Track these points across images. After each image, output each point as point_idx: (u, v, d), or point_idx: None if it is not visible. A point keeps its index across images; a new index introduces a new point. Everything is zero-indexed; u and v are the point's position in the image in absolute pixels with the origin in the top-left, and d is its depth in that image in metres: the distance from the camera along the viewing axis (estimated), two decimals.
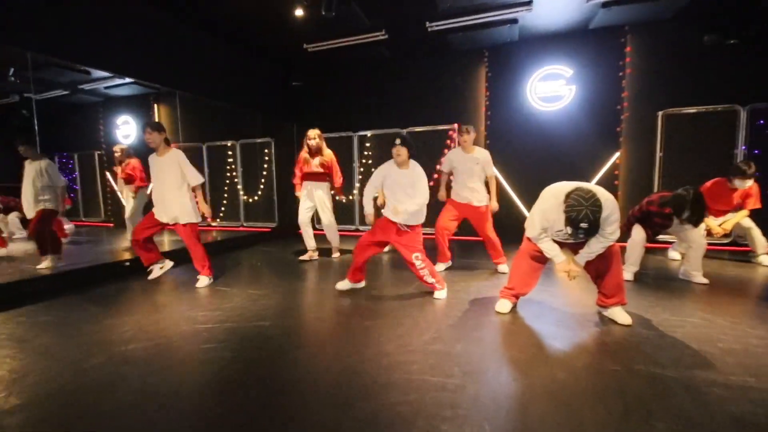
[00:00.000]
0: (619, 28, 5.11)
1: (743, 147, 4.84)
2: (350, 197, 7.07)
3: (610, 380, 1.85)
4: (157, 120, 8.15)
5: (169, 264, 3.93)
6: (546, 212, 2.48)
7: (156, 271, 3.85)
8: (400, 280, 3.76)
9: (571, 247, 2.64)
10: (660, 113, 5.08)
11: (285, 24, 4.88)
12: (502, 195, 5.98)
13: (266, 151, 7.53)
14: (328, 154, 4.61)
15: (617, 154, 5.31)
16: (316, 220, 5.81)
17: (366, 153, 6.87)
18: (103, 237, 7.00)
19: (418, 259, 3.11)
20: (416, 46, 5.82)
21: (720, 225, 3.98)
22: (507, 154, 5.92)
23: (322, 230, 4.85)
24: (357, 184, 6.93)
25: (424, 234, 3.47)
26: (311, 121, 7.20)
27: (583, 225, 2.19)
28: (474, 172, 3.81)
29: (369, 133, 6.82)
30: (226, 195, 7.94)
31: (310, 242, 4.74)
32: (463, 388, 1.80)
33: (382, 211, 3.25)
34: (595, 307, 2.77)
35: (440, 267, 4.05)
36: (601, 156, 5.38)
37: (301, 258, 4.79)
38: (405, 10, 4.71)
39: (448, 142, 6.24)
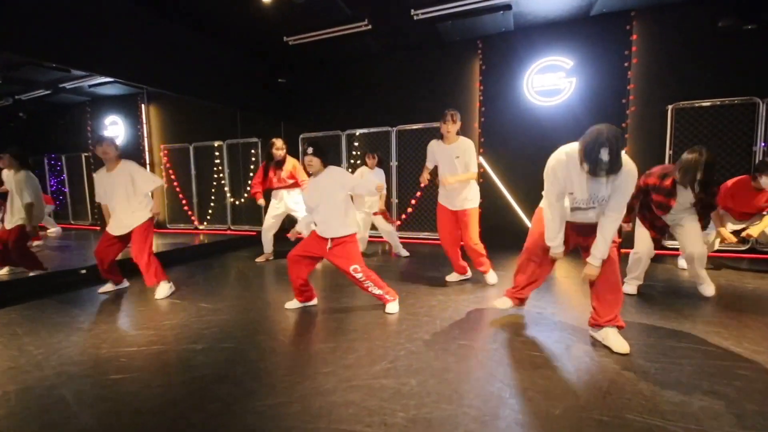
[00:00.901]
0: (624, 14, 4.64)
1: (763, 144, 4.34)
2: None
3: None
4: (146, 121, 7.93)
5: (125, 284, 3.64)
6: (555, 170, 2.04)
7: (109, 287, 3.53)
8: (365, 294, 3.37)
9: (580, 233, 2.24)
10: (670, 107, 4.60)
11: (262, 15, 4.55)
12: (496, 199, 5.55)
13: (253, 151, 7.22)
14: (292, 163, 4.55)
15: (623, 152, 4.83)
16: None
17: (355, 153, 6.51)
18: (81, 241, 6.77)
19: (357, 272, 2.72)
20: (404, 38, 5.44)
21: (743, 231, 3.48)
22: (502, 153, 5.50)
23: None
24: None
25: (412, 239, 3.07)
26: (298, 120, 6.89)
27: (604, 155, 1.78)
28: (456, 168, 3.27)
29: (358, 132, 6.46)
30: (213, 197, 7.66)
31: (269, 247, 4.80)
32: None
33: (313, 227, 2.87)
34: (588, 330, 2.34)
35: (454, 277, 3.66)
36: None
37: (258, 260, 4.81)
38: None
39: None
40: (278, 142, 4.48)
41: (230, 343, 2.36)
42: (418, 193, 6.07)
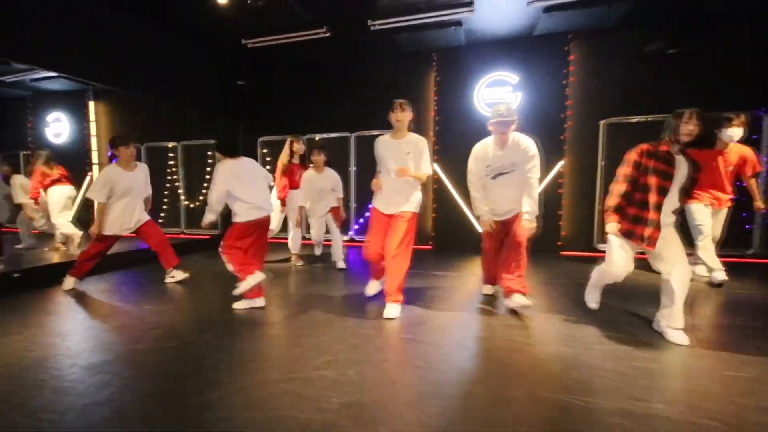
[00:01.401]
0: (562, 35, 5.08)
1: None
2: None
3: (505, 410, 1.61)
4: (94, 119, 7.55)
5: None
6: (476, 155, 2.94)
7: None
8: (317, 295, 3.45)
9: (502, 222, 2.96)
10: (602, 122, 5.06)
11: (220, 15, 4.53)
12: (450, 205, 5.81)
13: (210, 153, 7.08)
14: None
15: (562, 162, 5.25)
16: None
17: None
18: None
19: (221, 252, 2.94)
20: (363, 47, 5.61)
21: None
22: (456, 161, 5.76)
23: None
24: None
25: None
26: (258, 122, 6.85)
27: (500, 107, 2.70)
28: (408, 166, 2.85)
29: (317, 137, 6.53)
30: (166, 200, 7.41)
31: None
32: (332, 425, 1.51)
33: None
34: (507, 323, 2.56)
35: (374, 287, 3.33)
36: (546, 164, 5.30)
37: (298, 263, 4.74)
38: (344, 4, 4.47)
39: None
40: (298, 141, 4.41)
41: (174, 342, 2.36)
42: None
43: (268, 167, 6.85)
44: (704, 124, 2.27)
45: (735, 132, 3.34)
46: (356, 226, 6.32)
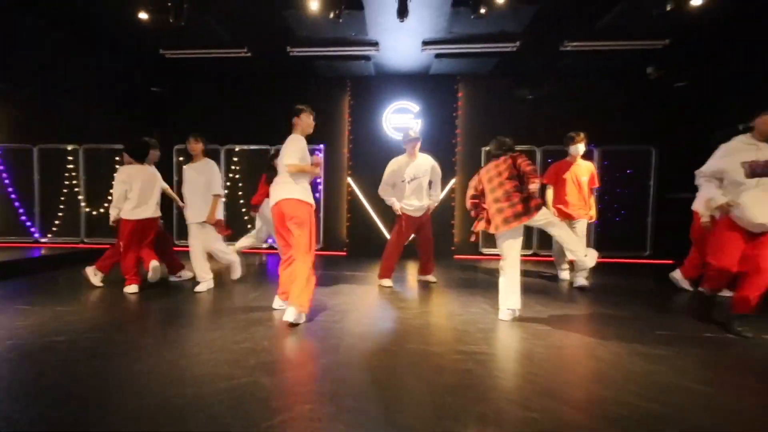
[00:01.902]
0: (452, 77, 6.17)
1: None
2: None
3: (383, 358, 2.24)
4: None
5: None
6: (392, 166, 3.92)
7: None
8: (242, 284, 3.82)
9: (414, 223, 4.04)
10: (483, 149, 6.23)
11: (136, 22, 4.62)
12: (363, 215, 6.48)
13: (117, 158, 6.82)
14: None
15: (453, 180, 6.29)
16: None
17: (233, 167, 6.77)
18: None
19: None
20: (282, 68, 6.08)
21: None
22: (367, 177, 6.46)
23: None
24: (223, 199, 6.71)
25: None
26: (174, 130, 6.83)
27: (413, 130, 3.93)
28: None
29: (237, 148, 6.76)
30: (62, 206, 6.89)
31: None
32: (249, 376, 1.98)
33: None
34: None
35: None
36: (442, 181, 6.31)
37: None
38: (265, 32, 4.93)
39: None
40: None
41: (95, 333, 2.57)
42: None
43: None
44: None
45: (579, 147, 4.06)
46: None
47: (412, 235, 4.21)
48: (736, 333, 2.67)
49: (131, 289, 3.65)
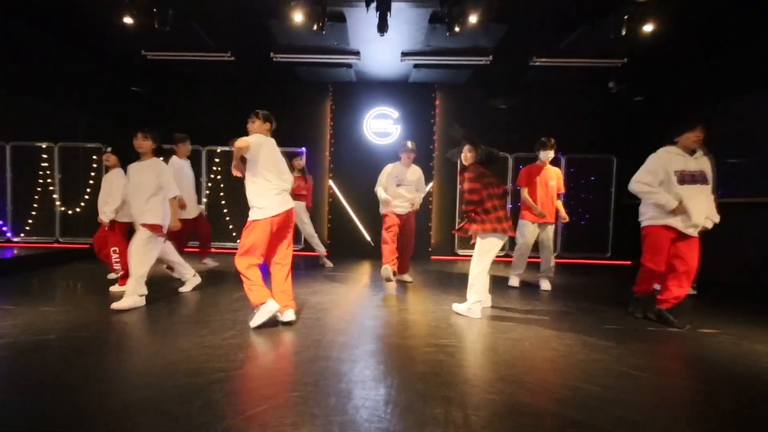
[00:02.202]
0: (430, 85, 6.46)
1: (510, 184, 6.58)
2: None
3: (362, 350, 2.46)
4: None
5: None
6: (386, 171, 4.38)
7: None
8: (225, 285, 3.95)
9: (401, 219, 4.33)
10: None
11: (117, 23, 4.65)
12: (343, 216, 6.67)
13: (95, 157, 6.75)
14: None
15: (431, 184, 6.57)
16: None
17: (215, 168, 6.83)
18: None
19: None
20: (265, 72, 6.19)
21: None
22: (348, 178, 6.68)
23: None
24: (204, 200, 6.79)
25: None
26: (155, 129, 6.80)
27: (411, 145, 4.38)
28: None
29: (219, 149, 6.82)
30: (35, 205, 6.76)
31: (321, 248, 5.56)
32: (240, 368, 2.16)
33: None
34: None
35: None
36: None
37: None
38: (249, 38, 5.05)
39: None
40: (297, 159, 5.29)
41: (85, 332, 2.68)
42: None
43: None
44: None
45: (550, 153, 4.21)
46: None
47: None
48: (670, 323, 3.07)
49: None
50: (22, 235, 6.77)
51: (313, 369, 2.17)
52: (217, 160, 6.82)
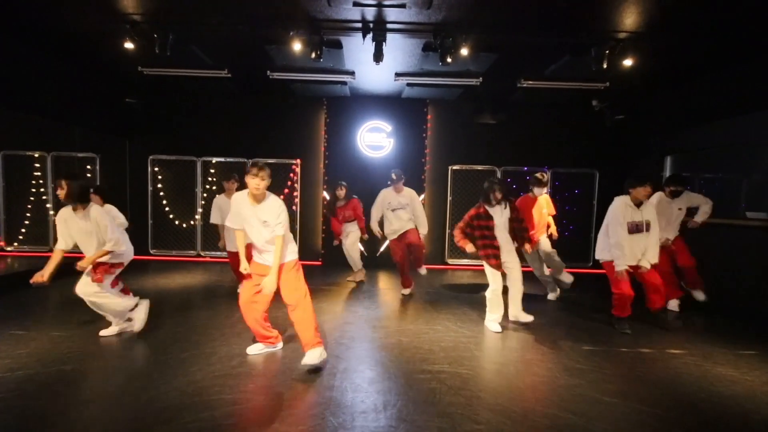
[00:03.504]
0: (422, 101, 6.65)
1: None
2: (192, 222, 6.97)
3: (370, 373, 2.68)
4: None
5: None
6: (381, 196, 4.83)
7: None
8: (218, 312, 4.13)
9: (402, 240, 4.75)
10: (450, 167, 6.77)
11: (116, 46, 4.70)
12: None
13: (89, 167, 6.78)
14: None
15: (423, 195, 6.79)
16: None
17: (210, 179, 6.92)
18: None
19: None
20: (261, 88, 6.28)
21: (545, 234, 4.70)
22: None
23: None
24: (200, 210, 6.89)
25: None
26: (148, 141, 6.87)
27: (398, 174, 4.75)
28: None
29: (214, 160, 6.90)
30: (28, 214, 6.78)
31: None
32: (252, 401, 2.36)
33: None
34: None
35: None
36: None
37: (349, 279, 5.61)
38: (246, 58, 5.15)
39: (291, 174, 6.88)
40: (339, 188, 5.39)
41: (99, 362, 2.84)
42: None
43: (159, 185, 6.93)
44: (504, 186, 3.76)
45: (543, 190, 4.55)
46: None
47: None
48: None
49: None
50: (16, 244, 6.78)
51: (318, 400, 2.39)
52: (212, 171, 6.91)
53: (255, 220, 2.78)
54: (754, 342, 3.57)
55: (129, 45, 4.26)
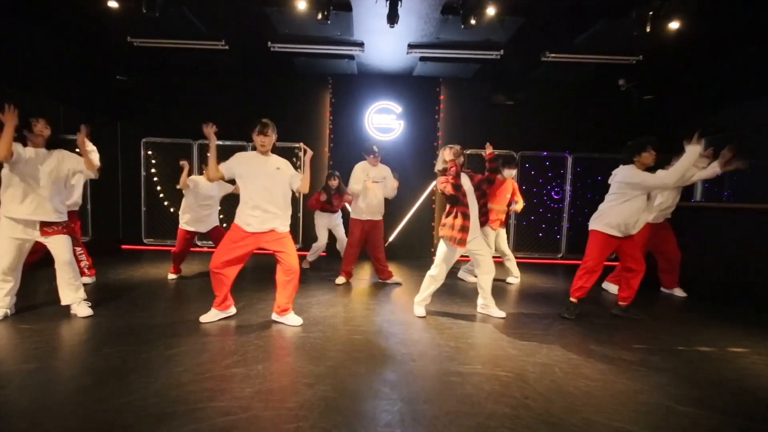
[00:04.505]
0: (435, 79, 6.16)
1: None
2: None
3: (381, 376, 2.24)
4: None
5: None
6: (359, 168, 4.49)
7: None
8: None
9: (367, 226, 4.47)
10: (464, 152, 6.29)
11: (103, 10, 4.24)
12: (341, 211, 6.40)
13: (77, 151, 6.30)
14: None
15: (434, 183, 6.32)
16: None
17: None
18: None
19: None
20: (261, 63, 5.82)
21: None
22: (349, 175, 6.38)
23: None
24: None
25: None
26: (141, 122, 6.41)
27: (377, 149, 4.39)
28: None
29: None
30: None
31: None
32: (247, 409, 1.92)
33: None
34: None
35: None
36: (420, 184, 6.34)
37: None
38: (245, 25, 4.68)
39: (295, 159, 6.41)
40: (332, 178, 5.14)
41: (71, 358, 2.39)
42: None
43: (152, 170, 6.50)
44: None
45: (513, 171, 4.60)
46: None
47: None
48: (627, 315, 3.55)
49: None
50: None
51: (328, 410, 1.94)
52: (209, 154, 6.43)
53: (265, 169, 2.91)
54: None
55: (113, 3, 3.79)
